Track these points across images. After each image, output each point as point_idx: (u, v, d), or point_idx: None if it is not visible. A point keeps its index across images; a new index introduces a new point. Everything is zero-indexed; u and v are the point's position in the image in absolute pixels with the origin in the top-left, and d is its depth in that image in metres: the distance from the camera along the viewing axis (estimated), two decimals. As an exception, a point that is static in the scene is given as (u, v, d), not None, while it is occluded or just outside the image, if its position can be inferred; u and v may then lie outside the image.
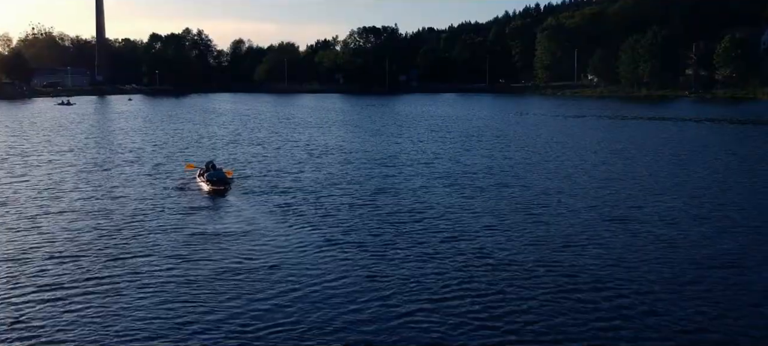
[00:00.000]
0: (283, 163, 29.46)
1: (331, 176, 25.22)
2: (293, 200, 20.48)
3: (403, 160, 30.38)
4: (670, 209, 18.88)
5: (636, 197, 20.72)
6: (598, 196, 20.96)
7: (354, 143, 38.38)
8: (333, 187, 22.81)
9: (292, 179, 24.69)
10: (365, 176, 25.27)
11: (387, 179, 24.50)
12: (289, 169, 27.50)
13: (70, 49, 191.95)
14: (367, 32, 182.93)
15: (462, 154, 32.56)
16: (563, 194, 21.41)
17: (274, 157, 31.47)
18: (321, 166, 28.11)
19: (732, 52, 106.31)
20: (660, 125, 53.11)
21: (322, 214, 18.40)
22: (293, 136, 42.87)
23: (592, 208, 19.06)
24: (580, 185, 23.29)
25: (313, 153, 33.26)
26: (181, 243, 14.98)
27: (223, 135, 44.23)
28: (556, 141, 39.35)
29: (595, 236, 15.71)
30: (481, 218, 17.81)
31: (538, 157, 31.53)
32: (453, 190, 22.20)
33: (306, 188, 22.68)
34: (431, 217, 17.93)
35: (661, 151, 33.71)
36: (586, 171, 26.60)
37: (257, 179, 25.11)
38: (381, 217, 17.93)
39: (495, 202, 20.08)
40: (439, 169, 27.33)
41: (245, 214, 18.61)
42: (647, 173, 26.22)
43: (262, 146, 36.84)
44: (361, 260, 13.72)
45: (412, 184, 23.45)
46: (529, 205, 19.52)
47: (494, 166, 27.99)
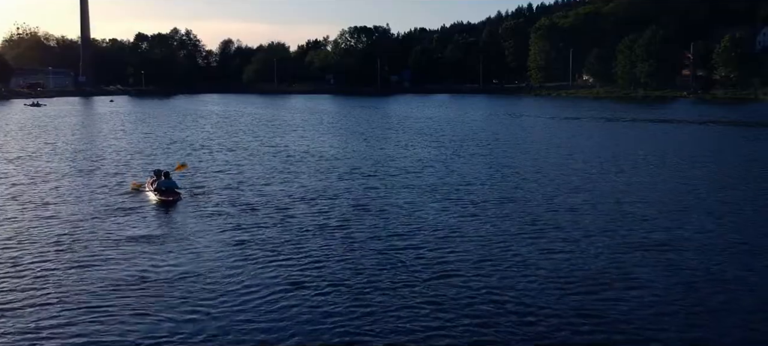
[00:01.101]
0: (252, 171, 26.29)
1: (302, 189, 22.07)
2: (250, 218, 17.41)
3: (387, 169, 27.26)
4: (690, 229, 15.90)
5: (653, 217, 17.69)
6: (605, 212, 17.92)
7: (336, 149, 35.24)
8: (302, 202, 19.67)
9: (256, 191, 21.55)
10: (342, 189, 22.13)
11: (367, 193, 21.38)
12: (256, 178, 24.33)
13: (56, 50, 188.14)
14: (358, 32, 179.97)
15: (452, 162, 29.49)
16: (565, 210, 18.35)
17: (244, 165, 28.29)
18: (294, 176, 24.95)
19: (732, 52, 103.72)
20: (662, 128, 50.23)
21: (281, 235, 15.38)
22: (271, 141, 39.67)
23: (598, 226, 16.03)
24: (584, 200, 20.23)
25: (288, 160, 30.09)
26: (103, 260, 13.59)
27: (195, 139, 40.91)
28: (553, 146, 36.34)
29: (620, 271, 12.70)
30: (478, 245, 14.72)
31: (534, 165, 28.48)
32: (442, 207, 19.09)
33: (270, 202, 19.55)
34: (418, 244, 14.85)
35: (668, 158, 30.74)
36: (589, 182, 23.55)
37: (217, 189, 22.05)
38: (355, 244, 14.82)
39: (491, 223, 16.99)
40: (427, 180, 24.21)
41: (186, 231, 16.10)
42: (657, 184, 23.21)
43: (234, 152, 33.62)
44: (321, 307, 10.66)
45: (396, 199, 20.33)
46: (527, 224, 16.48)
47: (487, 178, 24.90)
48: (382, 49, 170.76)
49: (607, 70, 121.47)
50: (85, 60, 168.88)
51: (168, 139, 40.77)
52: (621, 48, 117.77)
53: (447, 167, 27.53)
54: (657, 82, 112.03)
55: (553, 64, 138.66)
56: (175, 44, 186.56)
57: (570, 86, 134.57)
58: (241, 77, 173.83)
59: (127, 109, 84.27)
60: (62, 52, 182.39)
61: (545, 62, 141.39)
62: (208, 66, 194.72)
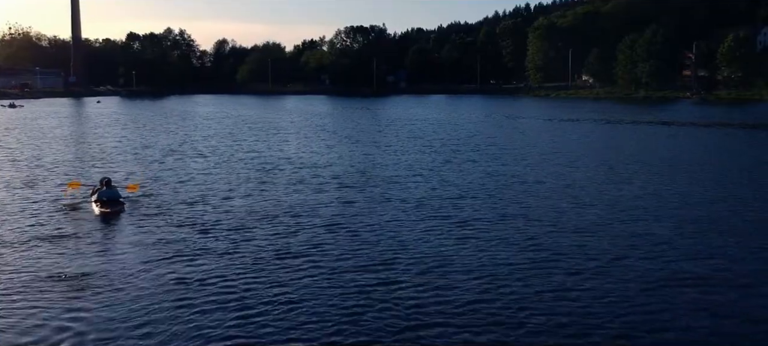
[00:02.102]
0: (219, 181, 23.56)
1: (268, 204, 19.35)
2: (197, 241, 14.79)
3: (370, 179, 24.55)
4: (723, 261, 13.25)
5: (673, 241, 15.03)
6: (616, 234, 15.25)
7: (318, 155, 32.52)
8: (264, 222, 16.94)
9: (215, 207, 18.83)
10: (315, 204, 19.42)
11: (344, 210, 18.66)
12: (220, 191, 21.61)
13: (49, 50, 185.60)
14: (354, 32, 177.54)
15: (443, 171, 26.78)
16: (570, 232, 15.67)
17: (212, 174, 25.55)
18: (263, 188, 22.22)
19: (736, 51, 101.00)
20: (667, 131, 47.57)
21: (226, 267, 12.67)
22: (250, 145, 36.92)
23: (610, 254, 13.37)
24: (592, 220, 17.54)
25: (263, 168, 27.34)
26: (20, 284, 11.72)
27: (168, 143, 38.09)
28: (553, 152, 33.66)
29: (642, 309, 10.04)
30: (467, 281, 12.03)
31: (533, 175, 25.76)
32: (427, 227, 16.39)
33: (226, 221, 16.83)
34: (393, 278, 12.18)
35: (678, 165, 28.07)
36: (594, 195, 20.86)
37: (171, 203, 19.44)
38: (317, 280, 12.12)
39: (484, 251, 14.31)
40: (413, 192, 21.51)
41: (114, 252, 13.74)
42: (669, 197, 20.54)
43: (206, 158, 30.88)
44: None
45: (376, 217, 17.60)
46: (527, 250, 13.80)
47: (480, 189, 22.19)
48: (378, 49, 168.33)
49: (608, 71, 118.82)
50: (75, 60, 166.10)
51: (139, 144, 37.97)
52: (621, 48, 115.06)
53: (437, 177, 24.84)
54: (658, 83, 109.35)
55: (552, 64, 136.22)
56: (169, 44, 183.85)
57: (569, 87, 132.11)
58: (236, 78, 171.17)
59: (111, 110, 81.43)
60: (55, 53, 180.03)
61: (544, 62, 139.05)
62: (203, 66, 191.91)
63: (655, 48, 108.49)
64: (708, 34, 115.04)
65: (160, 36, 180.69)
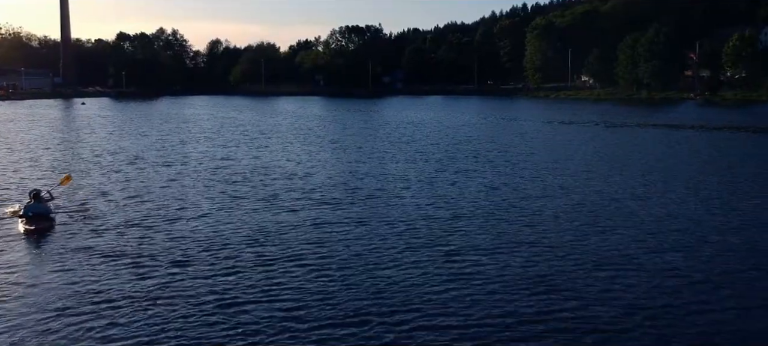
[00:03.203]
0: (177, 196, 20.37)
1: (229, 227, 16.19)
2: (131, 271, 11.64)
3: (355, 192, 21.42)
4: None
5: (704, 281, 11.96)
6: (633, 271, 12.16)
7: (298, 163, 29.35)
8: (217, 251, 13.79)
9: (162, 229, 15.67)
10: (282, 226, 16.27)
11: (317, 235, 15.52)
12: (174, 207, 18.44)
13: (41, 50, 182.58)
14: (349, 32, 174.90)
15: (435, 182, 23.64)
16: (588, 260, 12.57)
17: (171, 186, 22.36)
18: (227, 205, 19.06)
19: (741, 51, 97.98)
20: (675, 136, 44.46)
21: (165, 310, 9.54)
22: (226, 152, 33.70)
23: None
24: (613, 241, 14.43)
25: (233, 179, 24.15)
26: None
27: (134, 149, 34.74)
28: (558, 159, 30.56)
29: None
30: (467, 333, 8.95)
31: (535, 188, 22.66)
32: (416, 261, 13.25)
33: (172, 249, 13.70)
34: (365, 334, 9.10)
35: (693, 175, 25.01)
36: (612, 210, 17.75)
37: (114, 221, 16.48)
38: (269, 333, 9.03)
39: (483, 292, 11.19)
40: (403, 211, 18.35)
41: (33, 281, 10.95)
42: (691, 217, 17.47)
43: (169, 167, 27.66)
44: None
45: (355, 246, 14.46)
46: (536, 291, 10.71)
47: (474, 209, 19.04)
48: (374, 50, 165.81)
49: (608, 71, 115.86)
50: (65, 61, 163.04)
51: (104, 149, 34.69)
52: (623, 48, 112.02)
53: (430, 191, 21.69)
54: (660, 84, 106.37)
55: (551, 65, 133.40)
56: (161, 44, 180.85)
57: (569, 87, 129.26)
58: (229, 79, 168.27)
59: (93, 112, 78.02)
60: (47, 53, 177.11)
61: (542, 63, 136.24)
62: (196, 67, 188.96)
63: (658, 48, 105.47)
64: (708, 34, 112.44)
65: (152, 36, 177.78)
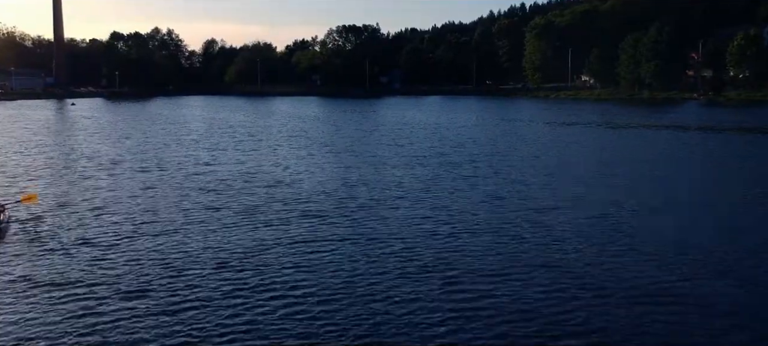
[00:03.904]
0: (148, 207, 18.37)
1: (199, 245, 14.23)
2: (80, 304, 9.60)
3: (347, 202, 19.49)
4: None
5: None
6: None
7: (286, 169, 27.36)
8: (184, 273, 11.81)
9: (124, 248, 13.68)
10: (262, 247, 14.30)
11: (300, 253, 13.62)
12: (143, 220, 16.44)
13: (36, 50, 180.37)
14: (346, 31, 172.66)
15: (436, 191, 21.67)
16: (614, 292, 10.63)
17: (143, 196, 20.36)
18: (202, 218, 17.07)
19: (746, 50, 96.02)
20: (682, 137, 42.64)
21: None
22: (210, 156, 31.67)
23: None
24: (633, 263, 12.49)
25: (212, 188, 22.14)
26: None
27: (113, 153, 32.63)
28: (563, 163, 28.65)
29: None
30: None
31: (546, 196, 20.70)
32: (411, 293, 11.32)
33: (132, 270, 11.72)
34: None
35: (707, 182, 23.11)
36: (629, 226, 15.81)
37: (69, 237, 14.75)
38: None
39: (487, 319, 9.25)
40: (397, 227, 16.41)
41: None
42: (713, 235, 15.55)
43: (147, 173, 25.63)
44: None
45: (346, 266, 12.59)
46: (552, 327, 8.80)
47: (483, 222, 17.09)
48: (371, 50, 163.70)
49: (609, 71, 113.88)
50: (58, 61, 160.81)
51: (80, 154, 32.65)
52: (624, 47, 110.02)
53: (426, 202, 19.73)
54: (662, 83, 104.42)
55: (550, 64, 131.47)
56: (156, 44, 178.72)
57: (569, 87, 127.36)
58: (223, 79, 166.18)
59: (81, 114, 75.84)
60: (41, 53, 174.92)
61: (541, 62, 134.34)
62: (192, 67, 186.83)
63: (660, 47, 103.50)
64: (708, 34, 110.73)
65: (147, 36, 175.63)
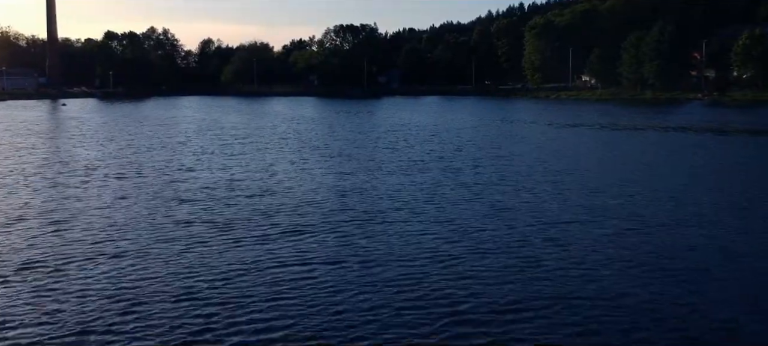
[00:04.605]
0: (114, 219, 16.30)
1: (166, 267, 12.17)
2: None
3: (336, 215, 17.48)
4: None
5: None
6: None
7: (272, 176, 25.31)
8: (141, 308, 9.77)
9: (79, 268, 11.62)
10: (237, 269, 12.28)
11: (278, 280, 11.62)
12: (102, 235, 14.37)
13: (31, 50, 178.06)
14: (344, 31, 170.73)
15: (437, 201, 19.65)
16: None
17: (113, 205, 18.29)
18: (172, 235, 15.02)
19: (752, 50, 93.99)
20: (691, 140, 40.70)
21: None
22: (193, 161, 29.56)
23: None
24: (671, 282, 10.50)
25: (191, 198, 20.08)
26: None
27: (91, 158, 30.54)
28: (574, 169, 26.64)
29: None
30: None
31: (561, 206, 18.70)
32: (412, 318, 9.31)
33: (83, 301, 9.65)
34: None
35: (724, 191, 21.14)
36: (655, 244, 13.82)
37: (19, 256, 12.44)
38: None
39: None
40: (394, 243, 14.41)
41: None
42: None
43: (123, 180, 23.48)
44: None
45: (331, 299, 10.55)
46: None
47: (490, 238, 15.08)
48: (369, 49, 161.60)
49: (610, 71, 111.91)
50: (51, 60, 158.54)
51: (52, 157, 30.65)
52: (626, 46, 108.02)
53: (426, 215, 17.69)
54: (665, 83, 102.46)
55: (550, 64, 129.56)
56: (152, 44, 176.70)
57: (569, 87, 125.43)
58: (219, 78, 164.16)
59: (69, 114, 73.75)
60: (35, 52, 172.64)
61: (541, 62, 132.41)
62: (188, 67, 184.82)
63: (663, 46, 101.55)
64: (708, 34, 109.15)
65: (142, 36, 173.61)
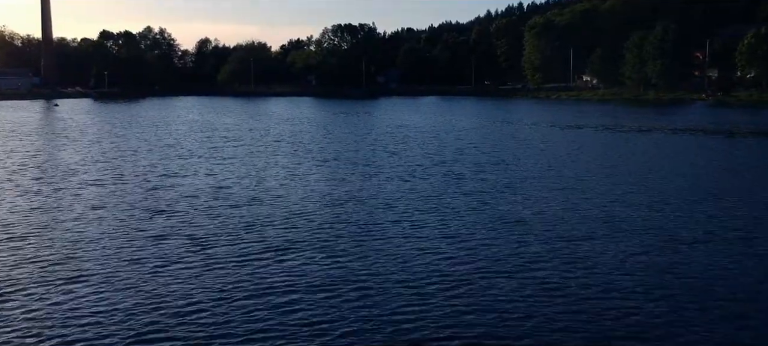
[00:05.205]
0: (82, 233, 14.62)
1: (131, 295, 10.47)
2: None
3: (326, 229, 15.81)
4: None
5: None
6: None
7: (261, 183, 23.61)
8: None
9: (25, 294, 9.90)
10: (211, 298, 10.59)
11: (256, 312, 9.90)
12: (63, 252, 12.67)
13: (24, 50, 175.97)
14: (342, 30, 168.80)
15: (439, 213, 17.95)
16: None
17: (84, 216, 16.62)
18: (146, 251, 13.32)
19: (757, 49, 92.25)
20: (702, 142, 39.07)
21: None
22: (177, 166, 27.85)
23: None
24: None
25: (166, 208, 18.36)
26: None
27: (71, 162, 28.77)
28: (585, 175, 24.97)
29: None
30: None
31: (578, 219, 17.00)
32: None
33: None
34: None
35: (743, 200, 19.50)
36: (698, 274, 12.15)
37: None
38: None
39: None
40: (392, 260, 12.72)
41: None
42: None
43: (99, 186, 21.75)
44: None
45: (310, 332, 8.85)
46: None
47: (501, 252, 13.38)
48: (367, 49, 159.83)
49: (612, 70, 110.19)
50: (45, 60, 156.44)
51: (29, 162, 28.92)
52: (629, 46, 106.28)
53: (426, 226, 16.02)
54: (668, 83, 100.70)
55: (550, 64, 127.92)
56: (148, 44, 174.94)
57: (571, 88, 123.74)
58: (216, 79, 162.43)
59: (60, 116, 71.86)
60: (31, 52, 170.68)
61: (541, 62, 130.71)
62: (185, 67, 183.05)
63: (666, 46, 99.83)
64: (708, 34, 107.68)
65: (139, 35, 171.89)
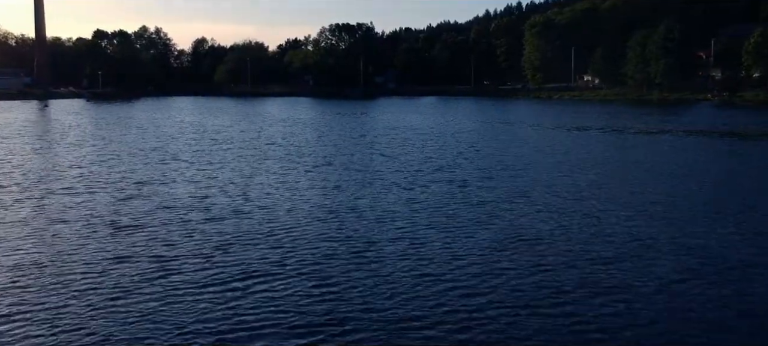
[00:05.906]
0: (38, 255, 12.70)
1: (81, 330, 8.62)
2: None
3: (312, 248, 13.94)
4: None
5: None
6: None
7: (247, 190, 21.75)
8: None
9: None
10: (178, 329, 8.71)
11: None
12: (5, 279, 10.84)
13: (18, 49, 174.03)
14: (340, 30, 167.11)
15: (443, 225, 16.08)
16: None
17: (47, 230, 14.71)
18: (110, 275, 11.44)
19: (764, 49, 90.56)
20: (722, 146, 37.28)
21: None
22: (160, 172, 25.99)
23: None
24: None
25: (142, 220, 16.42)
26: None
27: (42, 167, 26.70)
28: (601, 182, 23.13)
29: None
30: None
31: (599, 236, 15.15)
32: None
33: None
34: None
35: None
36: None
37: None
38: None
39: None
40: (391, 284, 10.84)
41: None
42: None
43: (72, 196, 19.79)
44: None
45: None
46: None
47: (508, 286, 11.51)
48: (365, 49, 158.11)
49: (614, 70, 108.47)
50: (38, 60, 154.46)
51: (14, 166, 27.05)
52: (632, 46, 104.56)
53: (425, 247, 14.14)
54: (672, 83, 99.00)
55: (551, 64, 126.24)
56: (144, 43, 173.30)
57: (572, 88, 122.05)
58: (213, 78, 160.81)
59: (47, 116, 69.94)
60: (25, 52, 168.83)
61: (542, 62, 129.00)
62: (181, 66, 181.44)
63: (671, 45, 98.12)
64: (708, 34, 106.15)
65: (134, 35, 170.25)
